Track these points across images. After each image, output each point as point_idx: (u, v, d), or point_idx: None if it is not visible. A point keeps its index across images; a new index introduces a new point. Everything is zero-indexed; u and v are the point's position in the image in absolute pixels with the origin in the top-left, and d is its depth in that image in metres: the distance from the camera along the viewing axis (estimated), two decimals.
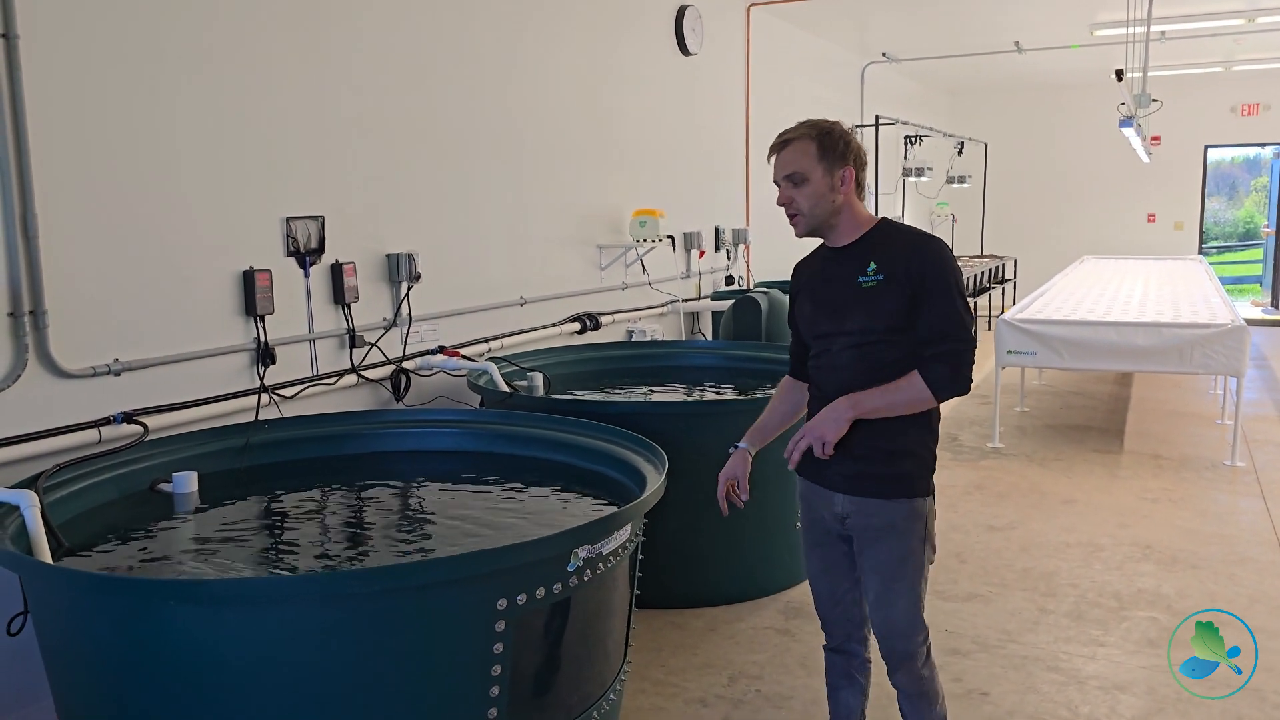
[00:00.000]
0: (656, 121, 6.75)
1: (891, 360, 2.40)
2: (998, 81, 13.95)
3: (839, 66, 10.62)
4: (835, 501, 2.51)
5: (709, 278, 7.56)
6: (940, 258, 2.39)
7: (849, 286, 2.44)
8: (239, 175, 3.73)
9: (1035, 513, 5.26)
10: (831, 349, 2.48)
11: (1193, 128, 13.70)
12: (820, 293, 2.54)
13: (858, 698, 2.69)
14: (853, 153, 2.45)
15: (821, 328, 2.51)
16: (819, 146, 2.41)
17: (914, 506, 2.45)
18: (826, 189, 2.43)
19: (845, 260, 2.47)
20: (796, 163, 2.43)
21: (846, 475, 2.47)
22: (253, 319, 3.77)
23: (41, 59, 3.05)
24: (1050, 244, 14.30)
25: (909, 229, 2.53)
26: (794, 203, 2.45)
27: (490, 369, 4.29)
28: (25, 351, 3.03)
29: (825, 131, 2.44)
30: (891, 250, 2.41)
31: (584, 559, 2.43)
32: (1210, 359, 6.11)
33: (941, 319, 2.36)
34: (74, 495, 2.92)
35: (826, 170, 2.42)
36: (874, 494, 2.45)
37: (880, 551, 2.47)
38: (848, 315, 2.44)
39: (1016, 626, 3.91)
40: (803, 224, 2.48)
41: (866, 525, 2.47)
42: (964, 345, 2.37)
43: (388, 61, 4.40)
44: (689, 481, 3.24)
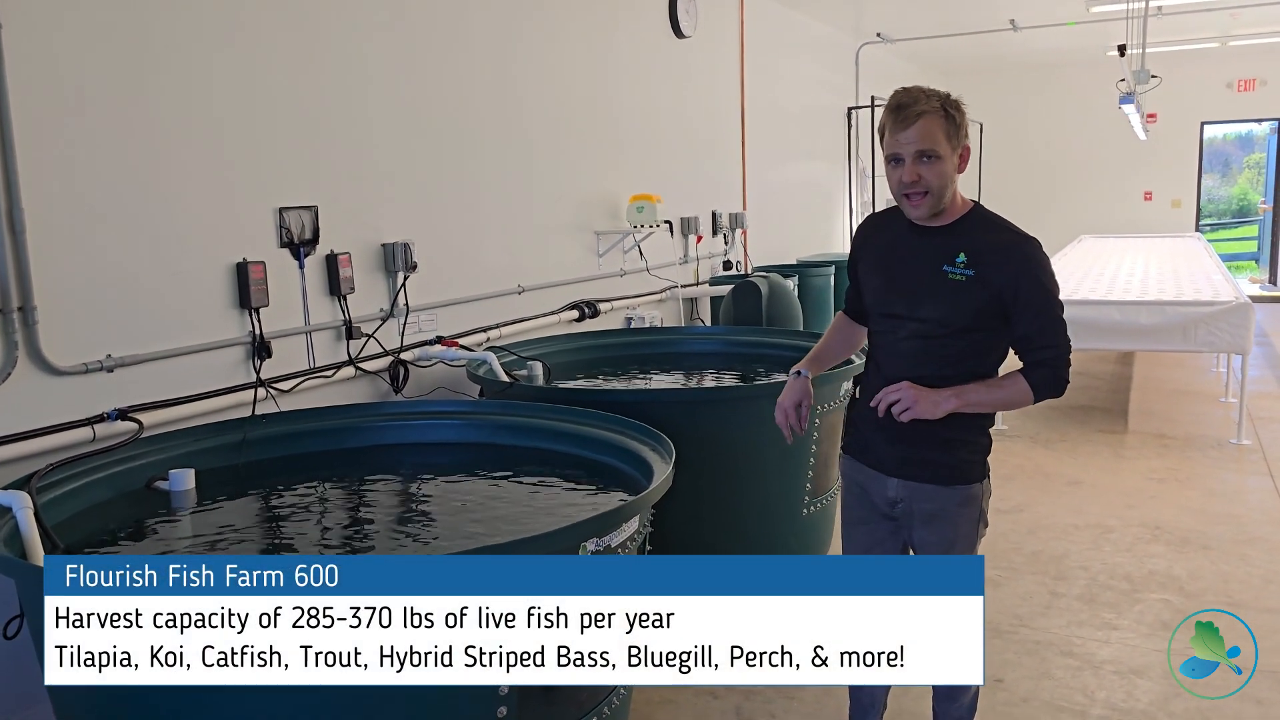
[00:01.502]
0: (651, 105, 6.67)
1: (957, 354, 2.32)
2: (993, 61, 13.87)
3: (834, 48, 10.53)
4: (889, 486, 2.46)
5: (707, 263, 7.50)
6: (1040, 264, 2.29)
7: (932, 273, 2.31)
8: (230, 165, 3.65)
9: (1042, 495, 5.22)
10: (899, 332, 2.38)
11: (1189, 104, 13.63)
12: (897, 270, 2.39)
13: (882, 685, 2.64)
14: (964, 132, 2.30)
15: (894, 308, 2.39)
16: (947, 122, 2.24)
17: (969, 493, 2.41)
18: (952, 169, 2.27)
19: (930, 241, 2.34)
20: (931, 139, 2.23)
21: (901, 460, 2.42)
22: (247, 312, 3.70)
23: (25, 48, 2.97)
24: (1047, 224, 14.17)
25: (1005, 224, 2.36)
26: (922, 180, 2.25)
27: (489, 359, 4.23)
28: (15, 349, 2.96)
29: (954, 106, 2.26)
30: (984, 246, 2.29)
31: (593, 552, 2.38)
32: (1215, 337, 6.06)
33: (1044, 326, 2.30)
34: (68, 495, 2.84)
35: (953, 149, 2.26)
36: (929, 479, 2.40)
37: (930, 534, 2.43)
38: (924, 302, 2.33)
39: (1028, 611, 3.86)
40: (928, 204, 2.28)
41: (922, 511, 2.43)
42: (1066, 350, 2.32)
43: (380, 48, 4.32)
44: (693, 470, 3.18)
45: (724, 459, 3.56)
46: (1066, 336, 2.33)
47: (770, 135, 8.58)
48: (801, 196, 9.71)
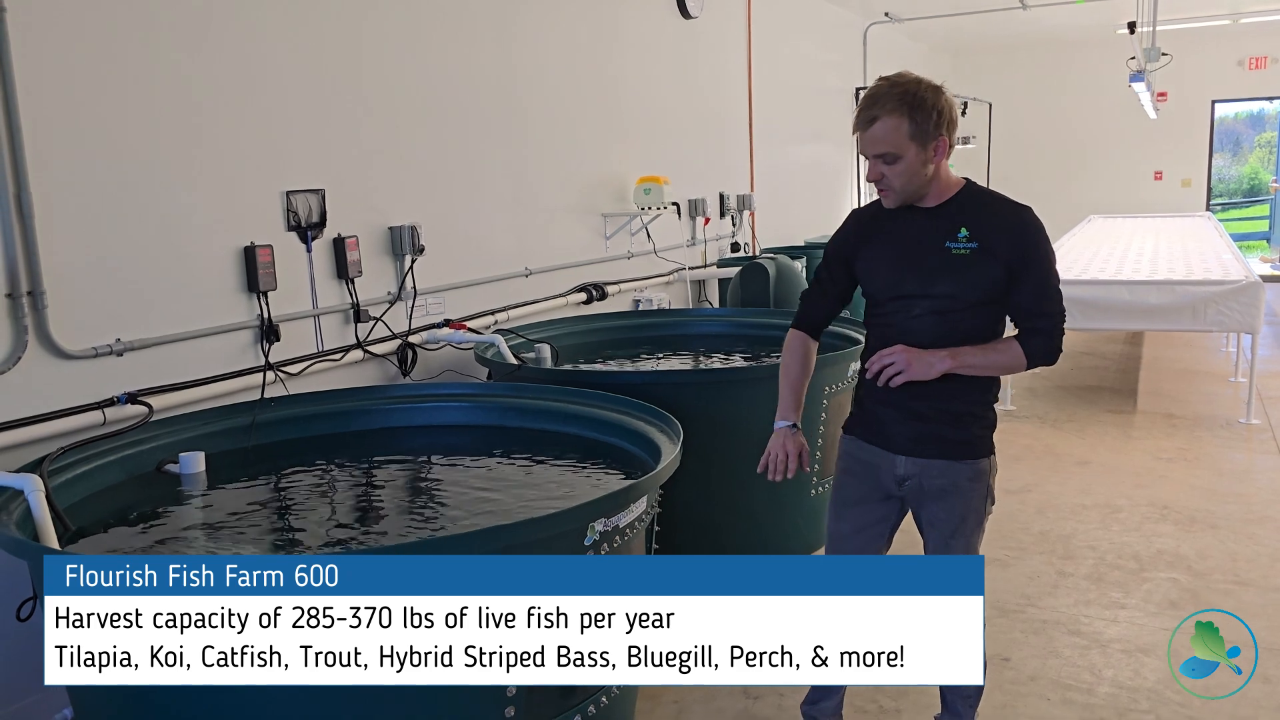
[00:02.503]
0: (658, 86, 6.64)
1: (970, 328, 2.35)
2: (1002, 40, 13.77)
3: (841, 27, 10.46)
4: (897, 464, 2.47)
5: (714, 245, 7.48)
6: (1041, 232, 2.33)
7: (936, 250, 2.34)
8: (237, 149, 3.65)
9: (1050, 475, 5.22)
10: (912, 311, 2.39)
11: (1199, 82, 13.51)
12: (906, 250, 2.40)
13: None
14: (945, 120, 2.28)
15: (906, 288, 2.39)
16: (911, 123, 2.24)
17: (978, 467, 2.44)
18: (920, 165, 2.28)
19: (930, 220, 2.36)
20: (887, 142, 2.26)
21: (912, 437, 2.44)
22: (255, 295, 3.71)
23: (31, 32, 2.97)
24: (1057, 204, 14.12)
25: (1000, 196, 2.41)
26: (885, 179, 2.32)
27: (497, 341, 4.24)
28: (25, 333, 2.98)
29: (916, 104, 2.24)
30: (984, 218, 2.33)
31: (601, 532, 2.39)
32: (1225, 316, 6.03)
33: (1043, 293, 2.34)
34: (80, 478, 2.87)
35: (920, 146, 2.26)
36: (939, 455, 2.42)
37: (941, 509, 2.45)
38: (936, 280, 2.34)
39: (1036, 590, 3.87)
40: (894, 199, 2.36)
41: (932, 487, 2.45)
42: (1062, 318, 2.36)
43: (386, 30, 4.31)
44: (701, 451, 3.19)
45: (732, 439, 3.56)
46: (1062, 305, 2.37)
47: (778, 116, 8.54)
48: (809, 178, 9.67)
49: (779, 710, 3.01)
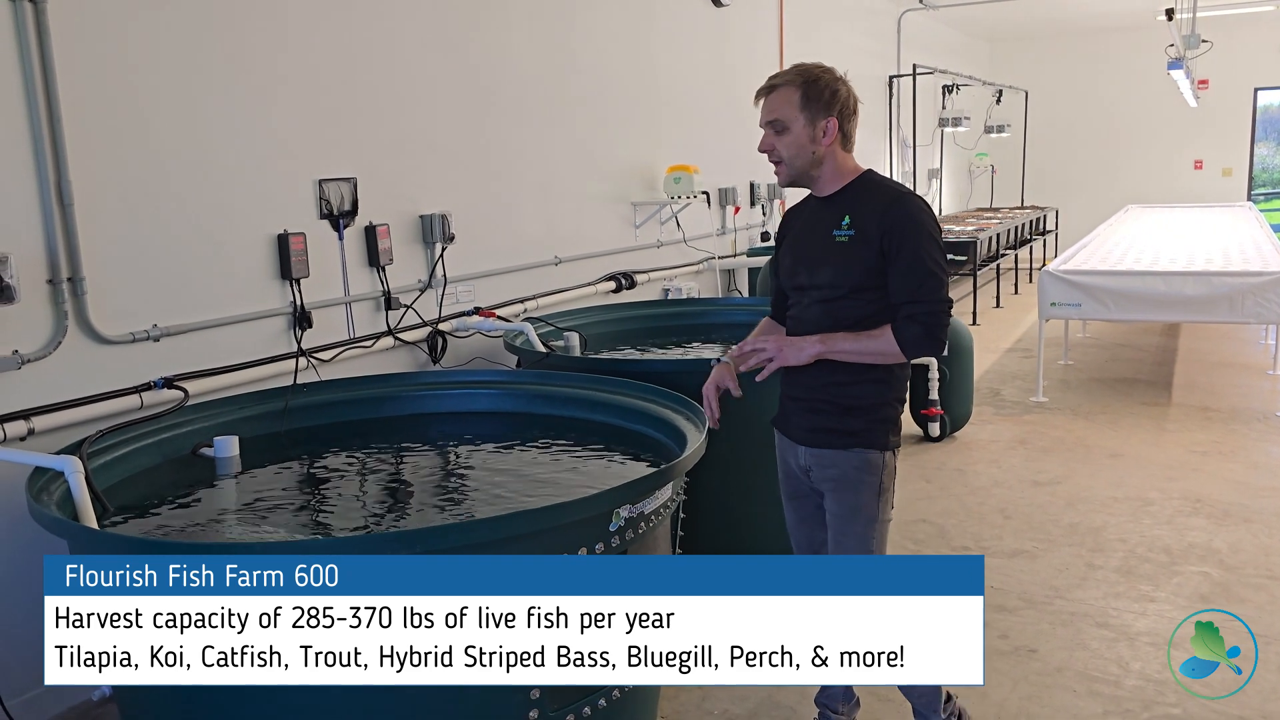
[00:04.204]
0: (690, 75, 6.63)
1: (857, 318, 2.39)
2: (1038, 27, 13.60)
3: (875, 15, 10.37)
4: (799, 454, 2.55)
5: (744, 234, 7.47)
6: (912, 216, 2.34)
7: (825, 239, 2.42)
8: (271, 138, 3.70)
9: (1081, 467, 5.18)
10: (803, 301, 2.48)
11: (1241, 70, 13.28)
12: (800, 242, 2.51)
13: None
14: (839, 103, 2.39)
15: (798, 279, 2.49)
16: (803, 95, 2.37)
17: (867, 459, 2.45)
18: (807, 139, 2.38)
19: (825, 212, 2.45)
20: (779, 110, 2.39)
21: (806, 428, 2.51)
22: (288, 282, 3.76)
23: (70, 23, 3.03)
24: (1093, 194, 13.98)
25: (888, 183, 2.47)
26: (775, 150, 2.42)
27: (526, 329, 4.26)
28: (65, 318, 3.05)
29: (812, 80, 2.38)
30: (865, 206, 2.38)
31: (626, 518, 2.41)
32: (1263, 308, 5.94)
33: (913, 279, 2.33)
34: (118, 460, 2.93)
35: (809, 120, 2.37)
36: (827, 445, 2.47)
37: (834, 501, 2.50)
38: (819, 269, 2.43)
39: (1064, 582, 3.85)
40: (784, 173, 2.45)
41: (825, 477, 2.50)
42: (938, 306, 2.35)
43: (418, 20, 4.34)
44: (727, 439, 3.19)
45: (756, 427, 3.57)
46: (943, 295, 2.36)
47: None
48: None
49: (801, 696, 3.02)
